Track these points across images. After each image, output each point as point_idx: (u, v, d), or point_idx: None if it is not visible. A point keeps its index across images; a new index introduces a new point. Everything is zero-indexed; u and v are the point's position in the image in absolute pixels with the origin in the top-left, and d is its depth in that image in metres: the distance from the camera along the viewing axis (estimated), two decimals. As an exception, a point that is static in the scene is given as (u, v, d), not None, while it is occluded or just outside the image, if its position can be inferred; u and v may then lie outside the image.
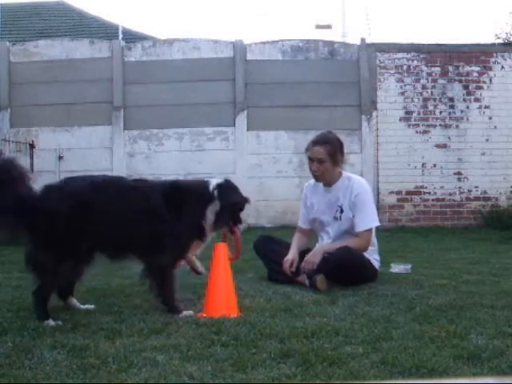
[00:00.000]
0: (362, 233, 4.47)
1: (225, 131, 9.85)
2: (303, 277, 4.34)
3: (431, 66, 9.78)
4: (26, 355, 2.69)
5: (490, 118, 9.74)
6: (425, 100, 9.75)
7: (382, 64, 9.76)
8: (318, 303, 3.72)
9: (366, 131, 9.74)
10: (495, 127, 9.72)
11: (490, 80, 9.77)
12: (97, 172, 8.47)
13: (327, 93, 9.78)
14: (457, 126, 9.75)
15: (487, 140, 9.72)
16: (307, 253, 4.46)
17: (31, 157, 9.32)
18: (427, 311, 3.48)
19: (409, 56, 9.79)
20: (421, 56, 9.79)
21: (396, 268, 4.98)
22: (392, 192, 9.71)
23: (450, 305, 3.63)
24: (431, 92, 9.77)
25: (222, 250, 3.65)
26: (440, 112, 9.75)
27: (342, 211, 4.51)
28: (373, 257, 4.54)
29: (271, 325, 3.18)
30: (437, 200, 9.73)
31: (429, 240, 7.88)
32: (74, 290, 3.72)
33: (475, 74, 9.77)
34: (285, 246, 4.66)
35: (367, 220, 4.49)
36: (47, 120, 9.85)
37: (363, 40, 10.06)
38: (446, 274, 4.80)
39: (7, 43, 10.16)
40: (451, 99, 9.75)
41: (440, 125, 9.74)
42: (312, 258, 4.33)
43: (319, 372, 2.47)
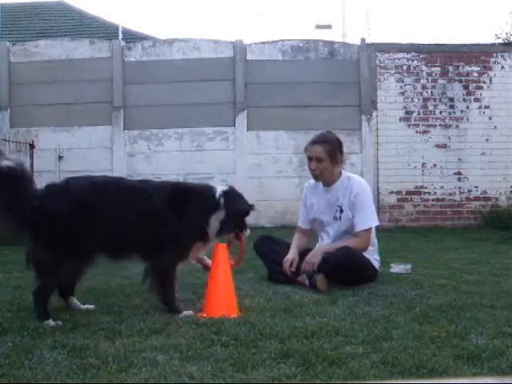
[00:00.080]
0: (362, 233, 4.47)
1: (225, 131, 9.85)
2: (303, 277, 4.34)
3: (431, 66, 9.78)
4: (26, 355, 2.69)
5: (490, 118, 9.74)
6: (425, 100, 9.76)
7: (382, 64, 9.76)
8: (318, 303, 3.72)
9: (366, 131, 9.74)
10: (495, 127, 9.73)
11: (490, 80, 9.77)
12: (97, 172, 8.50)
13: (327, 93, 9.78)
14: (457, 126, 9.75)
15: (487, 140, 9.73)
16: (307, 253, 4.46)
17: (31, 157, 9.32)
18: (427, 311, 3.48)
19: (409, 56, 9.79)
20: (421, 56, 9.79)
21: (396, 268, 4.98)
22: (392, 192, 9.71)
23: (450, 305, 3.63)
24: (431, 92, 9.77)
25: (222, 250, 3.65)
26: (440, 112, 9.75)
27: (342, 211, 4.51)
28: (373, 257, 4.54)
29: (271, 325, 3.18)
30: (437, 200, 9.73)
31: (429, 240, 7.88)
32: (75, 290, 3.72)
33: (475, 74, 9.77)
34: (285, 246, 4.66)
35: (367, 220, 4.50)
36: (47, 120, 9.85)
37: (363, 40, 10.07)
38: (446, 274, 4.80)
39: (7, 43, 10.17)
40: (451, 99, 9.75)
41: (440, 125, 9.75)
42: (312, 259, 4.33)
43: (319, 372, 2.47)
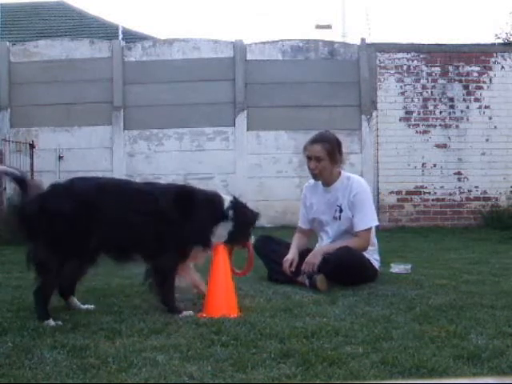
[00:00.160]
0: (362, 232, 4.47)
1: (225, 131, 9.85)
2: (303, 277, 4.34)
3: (431, 66, 9.78)
4: (26, 355, 2.68)
5: (490, 118, 9.74)
6: (425, 100, 9.76)
7: (382, 64, 9.76)
8: (318, 303, 3.72)
9: (366, 131, 9.74)
10: (495, 127, 9.73)
11: (490, 80, 9.77)
12: (97, 172, 8.52)
13: (327, 93, 9.78)
14: (457, 126, 9.75)
15: (487, 140, 9.72)
16: (307, 253, 4.46)
17: (31, 157, 9.32)
18: (427, 311, 3.48)
19: (409, 56, 9.79)
20: (421, 56, 9.79)
21: (396, 268, 4.97)
22: (392, 192, 9.71)
23: (450, 305, 3.63)
24: (431, 92, 9.77)
25: (222, 251, 3.65)
26: (440, 112, 9.75)
27: (342, 211, 4.51)
28: (373, 257, 4.54)
29: (271, 325, 3.18)
30: (437, 200, 9.73)
31: (429, 240, 7.88)
32: (75, 290, 3.72)
33: (475, 74, 9.77)
34: (285, 246, 4.66)
35: (366, 219, 4.49)
36: (47, 120, 9.85)
37: (363, 40, 10.07)
38: (446, 274, 4.80)
39: (7, 43, 10.17)
40: (451, 99, 9.75)
41: (440, 125, 9.75)
42: (312, 259, 4.33)
43: (319, 372, 2.47)
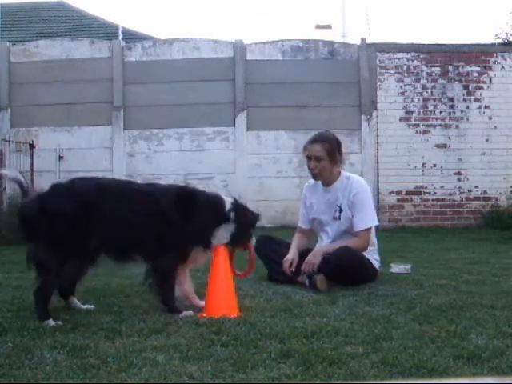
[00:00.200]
0: (361, 232, 4.47)
1: (225, 131, 9.85)
2: (303, 277, 4.34)
3: (431, 66, 9.78)
4: (26, 355, 2.68)
5: (490, 118, 9.74)
6: (425, 100, 9.76)
7: (382, 64, 9.76)
8: (318, 303, 3.72)
9: (366, 131, 9.74)
10: (495, 127, 9.73)
11: (490, 80, 9.77)
12: (97, 172, 8.51)
13: (327, 93, 9.78)
14: (457, 126, 9.75)
15: (487, 140, 9.72)
16: (307, 253, 4.46)
17: (31, 157, 9.33)
18: (427, 311, 3.48)
19: (409, 56, 9.79)
20: (421, 56, 9.79)
21: (396, 268, 4.97)
22: (392, 192, 9.71)
23: (450, 305, 3.63)
24: (431, 92, 9.77)
25: (222, 251, 3.65)
26: (440, 112, 9.75)
27: (341, 211, 4.51)
28: (373, 257, 4.53)
29: (271, 325, 3.18)
30: (437, 200, 9.73)
31: (429, 240, 7.88)
32: (75, 290, 3.72)
33: (475, 74, 9.77)
34: (285, 246, 4.66)
35: (366, 219, 4.49)
36: (47, 120, 9.85)
37: (363, 40, 10.07)
38: (446, 274, 4.80)
39: (7, 43, 10.17)
40: (451, 99, 9.75)
41: (440, 125, 9.75)
42: (312, 260, 4.33)
43: (319, 372, 2.46)
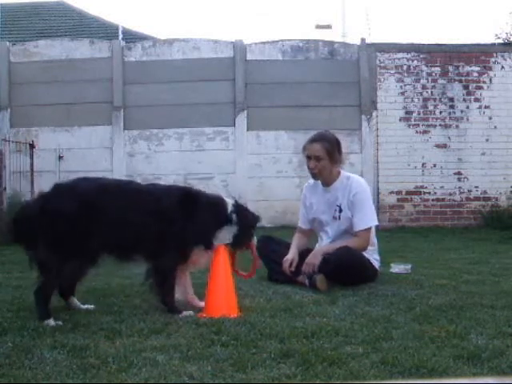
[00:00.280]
0: (361, 232, 4.47)
1: (225, 131, 9.85)
2: (303, 277, 4.34)
3: (431, 66, 9.78)
4: (26, 355, 2.68)
5: (490, 118, 9.74)
6: (425, 100, 9.76)
7: (382, 64, 9.76)
8: (318, 303, 3.72)
9: (366, 131, 9.74)
10: (495, 127, 9.72)
11: (490, 80, 9.77)
12: (97, 172, 8.50)
13: (327, 93, 9.78)
14: (457, 126, 9.75)
15: (487, 140, 9.72)
16: (307, 253, 4.46)
17: (31, 157, 9.33)
18: (427, 311, 3.48)
19: (409, 56, 9.79)
20: (421, 56, 9.79)
21: (396, 268, 4.97)
22: (392, 192, 9.71)
23: (450, 305, 3.63)
24: (431, 92, 9.77)
25: (222, 251, 3.65)
26: (440, 112, 9.75)
27: (341, 211, 4.51)
28: (373, 257, 4.53)
29: (271, 325, 3.18)
30: (437, 200, 9.73)
31: (429, 240, 7.88)
32: (75, 290, 3.72)
33: (475, 74, 9.77)
34: (285, 246, 4.66)
35: (366, 219, 4.49)
36: (47, 120, 9.85)
37: (363, 40, 10.07)
38: (446, 274, 4.80)
39: (7, 43, 10.16)
40: (451, 99, 9.75)
41: (440, 125, 9.74)
42: (312, 260, 4.32)
43: (319, 372, 2.47)
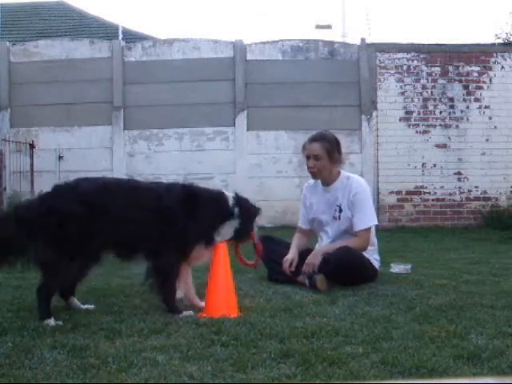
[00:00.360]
0: (361, 232, 4.46)
1: (225, 131, 9.85)
2: (303, 277, 4.34)
3: (431, 66, 9.78)
4: (26, 355, 2.68)
5: (490, 118, 9.74)
6: (425, 100, 9.76)
7: (382, 64, 9.76)
8: (318, 303, 3.72)
9: (366, 131, 9.74)
10: (495, 127, 9.73)
11: (490, 80, 9.77)
12: (97, 172, 8.51)
13: (327, 93, 9.78)
14: (457, 126, 9.75)
15: (487, 140, 9.73)
16: (307, 253, 4.45)
17: (31, 157, 9.34)
18: (427, 311, 3.48)
19: (409, 56, 9.79)
20: (421, 56, 9.79)
21: (396, 268, 4.97)
22: (392, 192, 9.71)
23: (450, 305, 3.63)
24: (431, 92, 9.77)
25: (222, 250, 3.65)
26: (440, 112, 9.75)
27: (341, 210, 4.51)
28: (373, 257, 4.53)
29: (271, 325, 3.18)
30: (437, 200, 9.73)
31: (429, 240, 7.88)
32: (75, 290, 3.72)
33: (475, 74, 9.77)
34: (285, 246, 4.66)
35: (366, 219, 4.49)
36: (47, 120, 9.86)
37: (363, 40, 10.07)
38: (446, 274, 4.80)
39: (7, 43, 10.17)
40: (451, 99, 9.75)
41: (440, 125, 9.75)
42: (312, 260, 4.32)
43: (319, 372, 2.46)
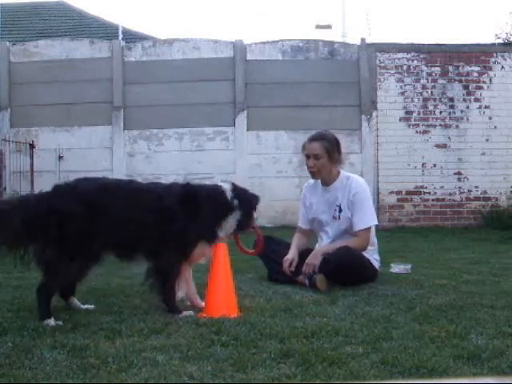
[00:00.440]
0: (361, 232, 4.46)
1: (225, 131, 9.85)
2: (303, 277, 4.34)
3: (431, 66, 9.78)
4: (26, 355, 2.68)
5: (490, 118, 9.74)
6: (425, 100, 9.76)
7: (382, 64, 9.76)
8: (318, 303, 3.72)
9: (366, 131, 9.74)
10: (495, 127, 9.73)
11: (490, 80, 9.77)
12: (97, 172, 8.51)
13: (327, 93, 9.78)
14: (457, 126, 9.75)
15: (487, 140, 9.73)
16: (307, 253, 4.46)
17: (31, 157, 9.34)
18: (427, 311, 3.48)
19: (409, 56, 9.79)
20: (421, 56, 9.79)
21: (396, 268, 4.97)
22: (392, 192, 9.71)
23: (450, 305, 3.63)
24: (431, 92, 9.77)
25: (222, 250, 3.65)
26: (440, 112, 9.75)
27: (341, 210, 4.51)
28: (373, 257, 4.53)
29: (271, 325, 3.18)
30: (437, 200, 9.73)
31: (429, 240, 7.88)
32: (75, 290, 3.72)
33: (475, 74, 9.77)
34: (285, 246, 4.66)
35: (366, 219, 4.49)
36: (47, 120, 9.86)
37: (363, 40, 10.07)
38: (446, 274, 4.80)
39: (7, 43, 10.17)
40: (451, 99, 9.75)
41: (440, 125, 9.75)
42: (313, 260, 4.32)
43: (319, 372, 2.46)
